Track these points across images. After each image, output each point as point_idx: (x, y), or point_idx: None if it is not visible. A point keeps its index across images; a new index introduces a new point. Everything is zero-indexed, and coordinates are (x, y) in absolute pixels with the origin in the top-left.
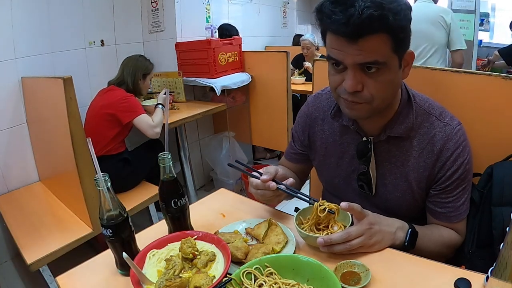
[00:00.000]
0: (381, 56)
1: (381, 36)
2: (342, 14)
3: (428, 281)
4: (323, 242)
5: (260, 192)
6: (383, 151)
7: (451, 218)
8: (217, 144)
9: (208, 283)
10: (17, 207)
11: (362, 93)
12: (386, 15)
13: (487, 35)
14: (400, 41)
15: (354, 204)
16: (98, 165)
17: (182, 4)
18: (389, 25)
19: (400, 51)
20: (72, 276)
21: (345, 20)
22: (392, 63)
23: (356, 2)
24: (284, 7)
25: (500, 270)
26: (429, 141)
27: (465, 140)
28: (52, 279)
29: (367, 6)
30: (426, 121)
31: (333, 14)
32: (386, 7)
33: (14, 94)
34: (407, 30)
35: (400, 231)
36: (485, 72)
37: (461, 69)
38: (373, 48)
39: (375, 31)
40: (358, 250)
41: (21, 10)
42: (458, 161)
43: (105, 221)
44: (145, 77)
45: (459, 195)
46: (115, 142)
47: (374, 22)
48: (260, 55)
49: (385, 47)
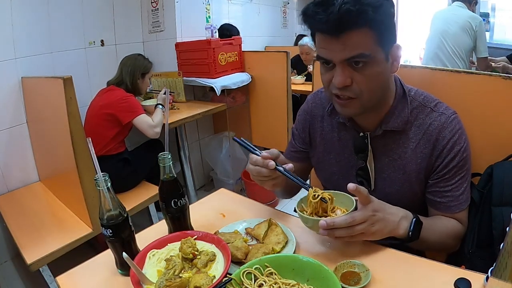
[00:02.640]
0: (365, 49)
1: (363, 31)
2: (324, 13)
3: (428, 281)
4: (326, 225)
5: (257, 168)
6: (380, 145)
7: (452, 208)
8: (217, 144)
9: (208, 283)
10: (17, 207)
11: (351, 87)
12: (365, 9)
13: (487, 35)
14: (383, 35)
15: (361, 187)
16: (98, 165)
17: (182, 4)
18: (369, 19)
19: (385, 44)
20: (72, 276)
21: (326, 18)
22: (378, 56)
23: (335, 0)
24: (284, 7)
25: (500, 270)
26: (425, 132)
27: (460, 128)
28: (52, 279)
29: (345, 2)
30: (421, 113)
31: (316, 15)
32: (364, 2)
33: (14, 94)
34: (390, 24)
35: (404, 221)
36: (485, 72)
37: (461, 69)
38: (357, 42)
39: (356, 25)
40: (358, 237)
41: (21, 10)
42: (454, 148)
43: (105, 221)
44: (144, 76)
45: (458, 184)
46: (114, 142)
47: (353, 17)
48: (260, 55)
49: (368, 40)
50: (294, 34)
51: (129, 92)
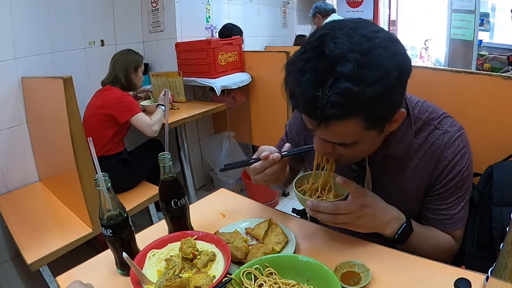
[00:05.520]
0: (350, 139)
1: (349, 121)
2: (308, 103)
3: (428, 281)
4: (311, 205)
5: (269, 170)
6: (379, 167)
7: (446, 226)
8: (217, 144)
9: (208, 283)
10: (17, 207)
11: (333, 153)
12: (355, 109)
13: (487, 35)
14: (377, 121)
15: (351, 182)
16: (98, 165)
17: (182, 4)
18: (359, 110)
19: (380, 125)
20: (72, 276)
21: (309, 109)
22: (367, 136)
23: (321, 88)
24: (284, 7)
25: (500, 270)
26: (427, 151)
27: (464, 147)
28: (52, 279)
29: (332, 104)
30: (424, 131)
31: (299, 105)
32: (359, 96)
33: (14, 94)
34: (390, 106)
35: (395, 222)
36: (485, 72)
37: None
38: (340, 132)
39: (342, 119)
40: (342, 225)
41: (21, 10)
42: (455, 169)
43: (105, 221)
44: (137, 70)
45: (454, 203)
46: (113, 142)
47: (338, 115)
48: (260, 55)
49: (355, 128)
50: (294, 34)
51: (125, 89)
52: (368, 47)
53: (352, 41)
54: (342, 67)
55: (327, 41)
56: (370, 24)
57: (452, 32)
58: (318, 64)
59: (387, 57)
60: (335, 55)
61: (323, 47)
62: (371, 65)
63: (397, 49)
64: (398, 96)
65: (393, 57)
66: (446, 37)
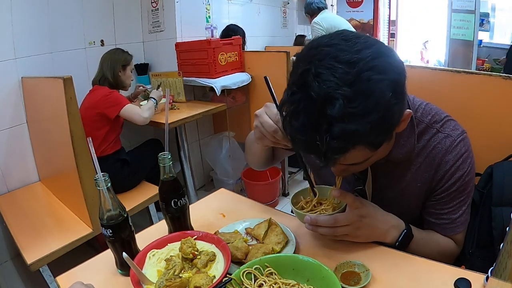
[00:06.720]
0: (360, 159)
1: (355, 151)
2: (310, 148)
3: (428, 281)
4: (309, 220)
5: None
6: (380, 169)
7: (447, 230)
8: (217, 144)
9: (208, 283)
10: (17, 207)
11: (347, 170)
12: (357, 139)
13: (487, 35)
14: (382, 143)
15: (347, 194)
16: (98, 165)
17: (182, 4)
18: (361, 142)
19: (386, 140)
20: (72, 276)
21: (313, 153)
22: (377, 152)
23: (318, 134)
24: (284, 7)
25: (500, 270)
26: (428, 155)
27: (466, 151)
28: (52, 279)
29: (331, 147)
30: (426, 135)
31: (301, 144)
32: (356, 133)
33: (14, 94)
34: (390, 128)
35: (394, 230)
36: (485, 72)
37: (461, 69)
38: (349, 158)
39: (346, 153)
40: (342, 237)
41: (21, 10)
42: (456, 174)
43: (105, 221)
44: (125, 69)
45: (456, 208)
46: (108, 141)
47: (343, 152)
48: (260, 55)
49: (363, 153)
50: (294, 34)
51: (113, 87)
52: (354, 75)
53: (335, 74)
54: (331, 109)
55: (310, 81)
56: (352, 40)
57: (452, 32)
58: (308, 107)
59: (377, 80)
60: (322, 97)
61: (308, 88)
62: (361, 96)
63: (386, 64)
64: (398, 112)
65: (384, 75)
66: (446, 37)
